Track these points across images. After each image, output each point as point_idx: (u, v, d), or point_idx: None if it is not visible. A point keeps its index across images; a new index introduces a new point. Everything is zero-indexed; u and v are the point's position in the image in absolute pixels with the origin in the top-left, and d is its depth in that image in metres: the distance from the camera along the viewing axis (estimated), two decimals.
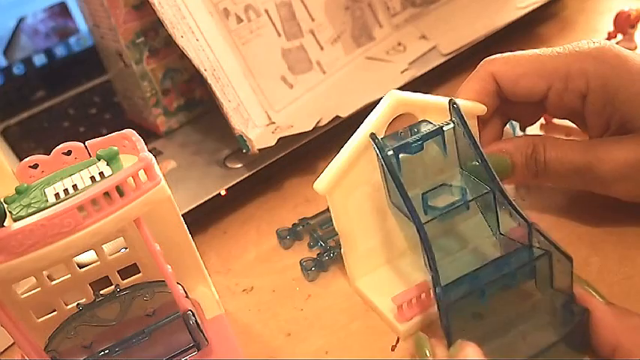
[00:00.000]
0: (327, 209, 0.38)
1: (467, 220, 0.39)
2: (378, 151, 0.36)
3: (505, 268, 0.34)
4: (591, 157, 0.38)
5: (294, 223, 0.47)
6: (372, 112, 0.38)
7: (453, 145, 0.38)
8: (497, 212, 0.37)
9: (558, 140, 0.40)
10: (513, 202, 0.35)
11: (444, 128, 0.37)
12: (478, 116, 0.41)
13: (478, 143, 0.37)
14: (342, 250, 0.40)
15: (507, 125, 0.45)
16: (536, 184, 0.45)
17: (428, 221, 0.35)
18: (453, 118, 0.38)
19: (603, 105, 0.39)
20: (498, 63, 0.41)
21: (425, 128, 0.38)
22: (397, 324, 0.37)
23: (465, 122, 0.37)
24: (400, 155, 0.37)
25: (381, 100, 0.38)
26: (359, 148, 0.37)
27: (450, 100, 0.38)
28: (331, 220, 0.39)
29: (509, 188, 0.45)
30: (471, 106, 0.41)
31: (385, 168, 0.36)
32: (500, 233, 0.37)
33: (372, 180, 0.39)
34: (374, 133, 0.37)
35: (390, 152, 0.36)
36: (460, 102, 0.40)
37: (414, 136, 0.37)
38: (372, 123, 0.38)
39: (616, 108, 0.38)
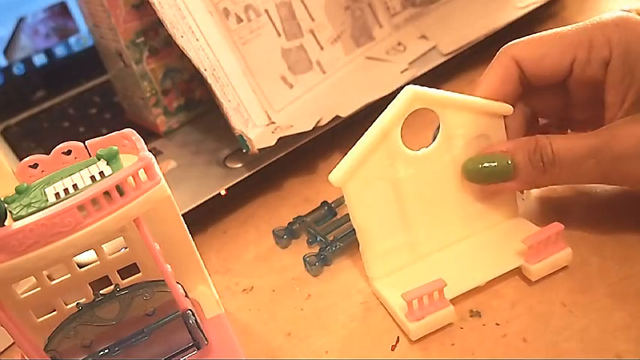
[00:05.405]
0: (321, 205, 0.38)
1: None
2: None
3: None
4: (607, 137, 0.37)
5: (289, 222, 0.47)
6: (389, 106, 0.37)
7: None
8: None
9: (561, 134, 0.39)
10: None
11: None
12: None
13: None
14: (359, 247, 0.40)
15: None
16: (543, 185, 0.41)
17: None
18: None
19: (623, 75, 0.38)
20: (520, 46, 0.40)
21: None
22: (407, 322, 0.36)
23: None
24: None
25: (398, 94, 0.37)
26: (375, 140, 0.37)
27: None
28: (327, 217, 0.39)
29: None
30: (498, 107, 0.40)
31: None
32: None
33: (389, 176, 0.38)
34: None
35: None
36: (486, 102, 0.39)
37: None
38: (388, 117, 0.37)
39: (635, 78, 0.38)
